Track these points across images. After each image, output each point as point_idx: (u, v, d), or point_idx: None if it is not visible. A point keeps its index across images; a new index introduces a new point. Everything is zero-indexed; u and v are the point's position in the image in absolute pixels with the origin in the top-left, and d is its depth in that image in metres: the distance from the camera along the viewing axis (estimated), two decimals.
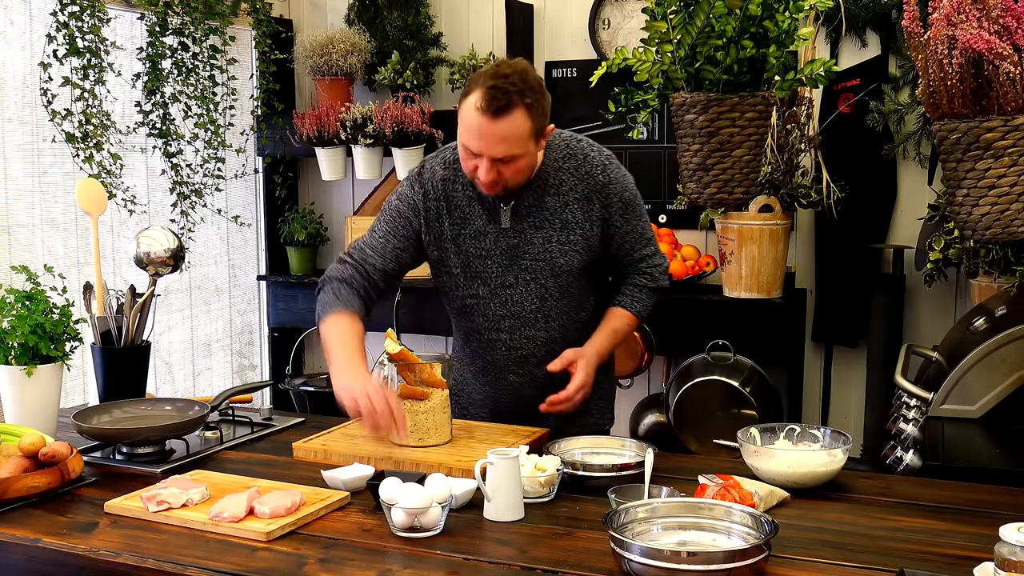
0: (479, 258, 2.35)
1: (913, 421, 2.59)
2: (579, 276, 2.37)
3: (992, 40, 1.86)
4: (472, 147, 2.18)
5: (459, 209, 2.35)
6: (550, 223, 2.32)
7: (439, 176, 2.37)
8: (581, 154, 2.35)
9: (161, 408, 2.36)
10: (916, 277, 3.53)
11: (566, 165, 2.33)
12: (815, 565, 1.64)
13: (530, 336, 2.39)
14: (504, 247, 2.34)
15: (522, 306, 2.37)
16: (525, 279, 2.35)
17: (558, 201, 2.32)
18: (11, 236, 3.26)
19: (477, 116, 2.13)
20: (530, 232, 2.33)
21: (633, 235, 2.40)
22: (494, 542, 1.76)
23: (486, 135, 2.14)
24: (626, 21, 3.92)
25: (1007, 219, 1.96)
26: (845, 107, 3.64)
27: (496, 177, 2.20)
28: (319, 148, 4.03)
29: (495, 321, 2.40)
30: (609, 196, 2.34)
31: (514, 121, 2.13)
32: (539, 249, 2.33)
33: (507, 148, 2.16)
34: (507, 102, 2.11)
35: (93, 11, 3.20)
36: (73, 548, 1.75)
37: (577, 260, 2.34)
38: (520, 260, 2.34)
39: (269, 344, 4.41)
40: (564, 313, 2.39)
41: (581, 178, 2.32)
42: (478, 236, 2.35)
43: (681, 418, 3.49)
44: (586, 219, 2.33)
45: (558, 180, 2.32)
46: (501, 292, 2.37)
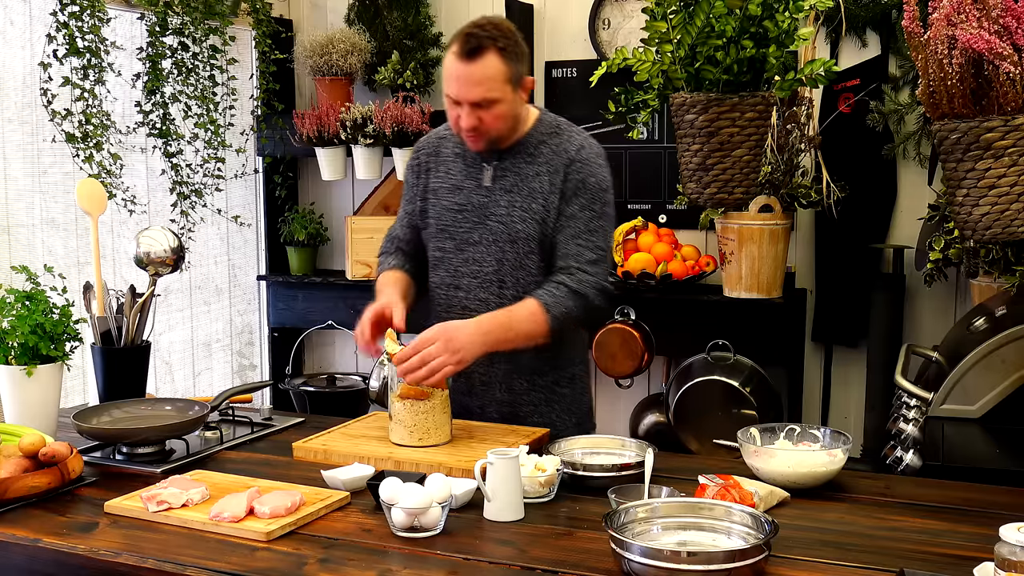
0: (451, 211, 2.43)
1: (913, 421, 2.59)
2: (536, 248, 2.37)
3: (992, 40, 1.86)
4: (452, 93, 2.29)
5: (444, 164, 2.47)
6: (518, 188, 2.38)
7: (436, 134, 2.54)
8: (566, 133, 2.43)
9: (161, 408, 2.36)
10: (916, 277, 3.53)
11: (549, 140, 2.41)
12: (815, 565, 1.64)
13: (483, 299, 2.41)
14: (475, 204, 2.41)
15: (481, 266, 2.41)
16: (487, 239, 2.40)
17: (531, 169, 2.38)
18: (11, 236, 3.26)
19: (453, 61, 2.27)
20: (499, 194, 2.39)
21: (577, 223, 2.33)
22: (494, 542, 1.76)
23: (462, 78, 2.26)
24: (626, 21, 3.92)
25: (1007, 219, 1.96)
26: (845, 107, 3.64)
27: (476, 123, 2.28)
28: (319, 148, 4.03)
29: (456, 277, 2.44)
30: (572, 172, 2.36)
31: (488, 63, 2.25)
32: (503, 212, 2.38)
33: (483, 91, 2.25)
34: (479, 44, 2.24)
35: (93, 11, 3.20)
36: (73, 548, 1.75)
37: (534, 229, 2.35)
38: (487, 220, 2.40)
39: (269, 344, 4.41)
40: (518, 283, 2.39)
41: (558, 152, 2.39)
42: (454, 190, 2.43)
43: (681, 418, 3.49)
44: (551, 190, 2.36)
45: (538, 151, 2.40)
46: (465, 248, 2.42)
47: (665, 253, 3.71)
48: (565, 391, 2.48)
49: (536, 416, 2.45)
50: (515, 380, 2.44)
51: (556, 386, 2.47)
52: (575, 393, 2.52)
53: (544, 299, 2.28)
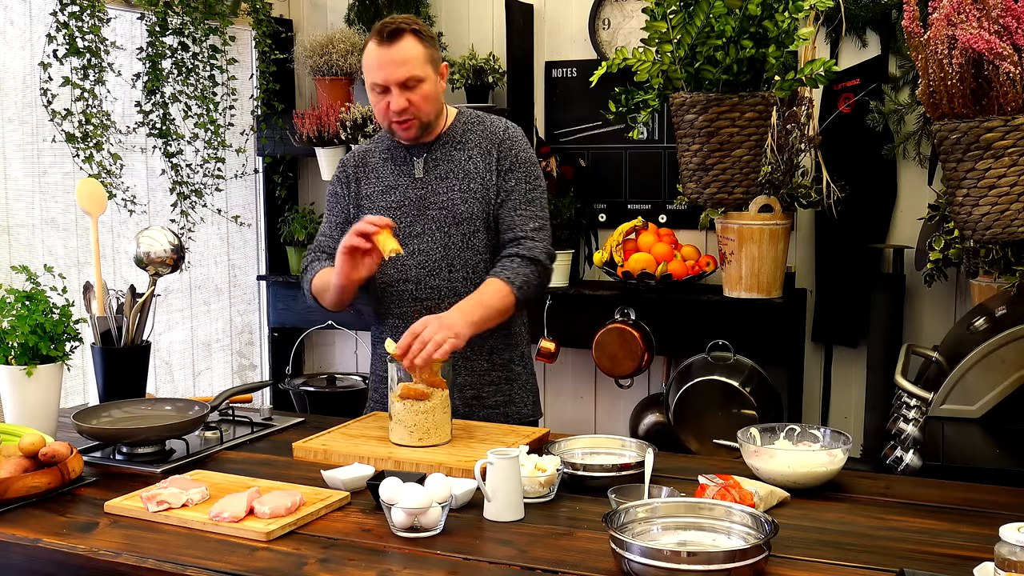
0: (389, 210, 2.49)
1: (913, 421, 2.59)
2: (480, 228, 2.47)
3: (992, 40, 1.86)
4: (377, 79, 2.38)
5: (374, 170, 2.56)
6: (454, 173, 2.48)
7: (360, 150, 2.63)
8: (487, 119, 2.55)
9: (161, 408, 2.36)
10: (916, 277, 3.53)
11: (474, 127, 2.53)
12: (815, 565, 1.64)
13: (434, 286, 2.48)
14: (413, 198, 2.49)
15: (428, 255, 2.47)
16: (431, 228, 2.47)
17: (463, 154, 2.49)
18: (11, 236, 3.26)
19: (374, 48, 2.38)
20: (436, 183, 2.49)
21: (517, 196, 2.47)
22: (494, 542, 1.76)
23: (384, 61, 2.37)
24: (626, 21, 3.92)
25: (1007, 219, 1.96)
26: (845, 107, 3.64)
27: (406, 105, 2.38)
28: (319, 148, 4.03)
29: (404, 271, 2.49)
30: (505, 149, 2.48)
31: (407, 44, 2.37)
32: (443, 198, 2.47)
33: (407, 70, 2.36)
34: (396, 28, 2.37)
35: (93, 11, 3.20)
36: (73, 548, 1.75)
37: (477, 208, 2.46)
38: (427, 210, 2.48)
39: (269, 344, 4.41)
40: (467, 264, 2.47)
41: (485, 136, 2.51)
42: (389, 190, 2.52)
43: (681, 418, 3.49)
44: (486, 169, 2.47)
45: (465, 138, 2.51)
46: (410, 242, 2.48)
47: (665, 253, 3.71)
48: (519, 369, 2.58)
49: (498, 395, 2.53)
50: (475, 361, 2.50)
51: (512, 364, 2.56)
52: (527, 373, 2.62)
53: (504, 275, 2.39)
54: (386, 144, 2.57)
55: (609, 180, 4.03)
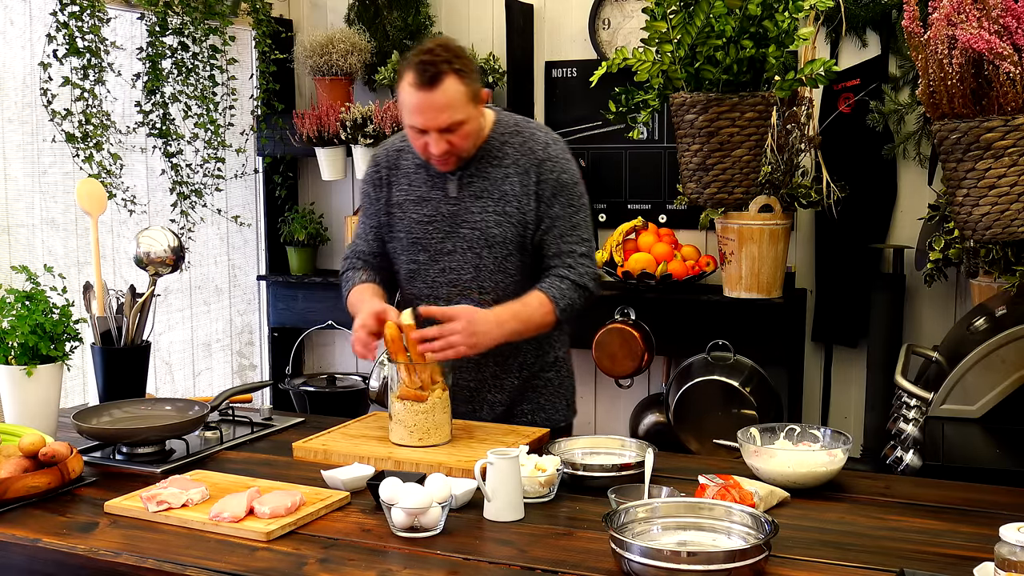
0: (421, 224, 2.41)
1: (913, 421, 2.59)
2: (514, 251, 2.39)
3: (992, 40, 1.86)
4: (417, 123, 2.26)
5: (406, 176, 2.44)
6: (489, 193, 2.37)
7: (393, 146, 2.50)
8: (528, 131, 2.42)
9: (161, 408, 2.36)
10: (916, 277, 3.53)
11: (512, 140, 2.40)
12: (815, 565, 1.64)
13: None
14: (445, 214, 2.40)
15: (459, 274, 2.41)
16: (462, 247, 2.39)
17: (499, 173, 2.37)
18: (11, 236, 3.26)
19: (413, 92, 2.23)
20: (469, 201, 2.38)
21: (563, 223, 2.38)
22: (494, 542, 1.76)
23: (426, 107, 2.23)
24: (626, 21, 3.92)
25: (1007, 219, 1.96)
26: (845, 107, 3.64)
27: (447, 148, 2.28)
28: (319, 148, 4.03)
29: (434, 288, 2.44)
30: (544, 172, 2.37)
31: (448, 88, 2.22)
32: (476, 218, 2.38)
33: (449, 115, 2.24)
34: (437, 71, 2.21)
35: (93, 11, 3.20)
36: (73, 548, 1.75)
37: (511, 232, 2.37)
38: (459, 228, 2.39)
39: (269, 344, 4.41)
40: (498, 286, 2.40)
41: (524, 152, 2.38)
42: (421, 202, 2.41)
43: (681, 418, 3.49)
44: (523, 192, 2.36)
45: (502, 153, 2.38)
46: (440, 259, 2.41)
47: (665, 253, 3.71)
48: (550, 375, 2.54)
49: (526, 403, 2.51)
50: (505, 379, 2.47)
51: (542, 372, 2.52)
52: (560, 376, 2.58)
53: (551, 292, 2.34)
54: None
55: (609, 180, 4.02)
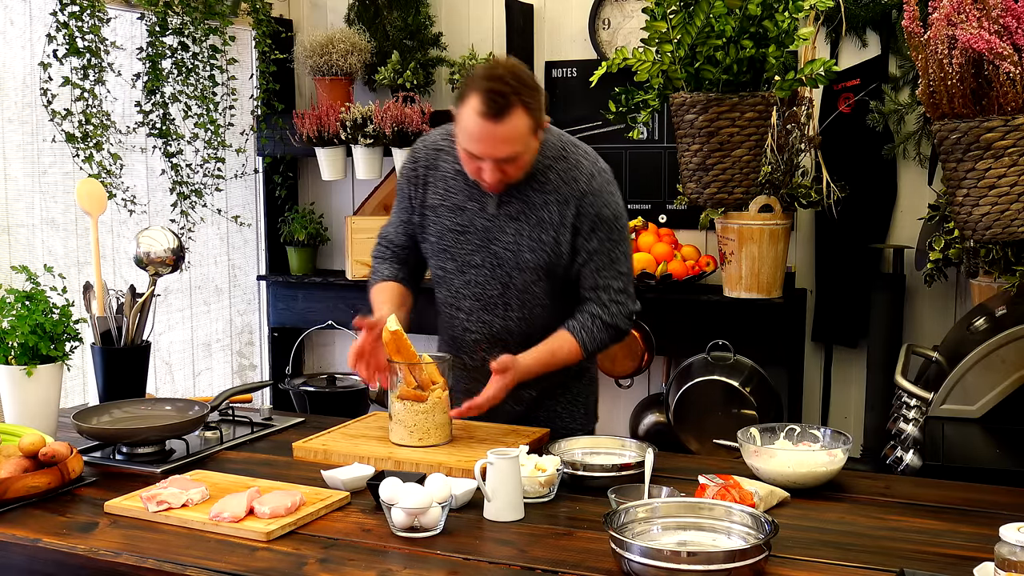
0: (453, 232, 2.36)
1: (913, 421, 2.59)
2: (545, 276, 2.33)
3: (992, 40, 1.86)
4: (475, 151, 2.17)
5: (443, 180, 2.36)
6: (526, 216, 2.31)
7: (434, 144, 2.41)
8: (573, 159, 2.32)
9: (161, 408, 2.36)
10: (916, 277, 3.53)
11: (556, 165, 2.31)
12: (815, 565, 1.64)
13: (487, 321, 2.39)
14: (478, 227, 2.34)
15: (484, 288, 2.36)
16: (491, 263, 2.34)
17: (540, 198, 2.30)
18: (11, 236, 3.26)
19: (478, 121, 2.12)
20: (505, 220, 2.31)
21: (601, 257, 2.31)
22: (494, 542, 1.76)
23: (488, 138, 2.14)
24: (626, 21, 3.92)
25: (1007, 219, 1.96)
26: (845, 107, 3.64)
27: (501, 176, 2.21)
28: (319, 148, 4.03)
29: (457, 298, 2.41)
30: (585, 205, 2.28)
31: (515, 121, 2.13)
32: (510, 239, 2.32)
33: (511, 148, 2.16)
34: (506, 103, 2.11)
35: (93, 11, 3.20)
36: (73, 548, 1.75)
37: (544, 260, 2.31)
38: (491, 244, 2.33)
39: (269, 344, 4.41)
40: (525, 306, 2.36)
41: (566, 181, 2.30)
42: (456, 210, 2.35)
43: (681, 418, 3.49)
44: (561, 222, 2.29)
45: (544, 178, 2.30)
46: (467, 270, 2.37)
47: (665, 253, 3.71)
48: (572, 383, 2.51)
49: (542, 411, 2.48)
50: (524, 391, 2.41)
51: (567, 380, 2.49)
52: (582, 384, 2.55)
53: (582, 337, 2.32)
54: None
55: None
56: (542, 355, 2.31)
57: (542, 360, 2.31)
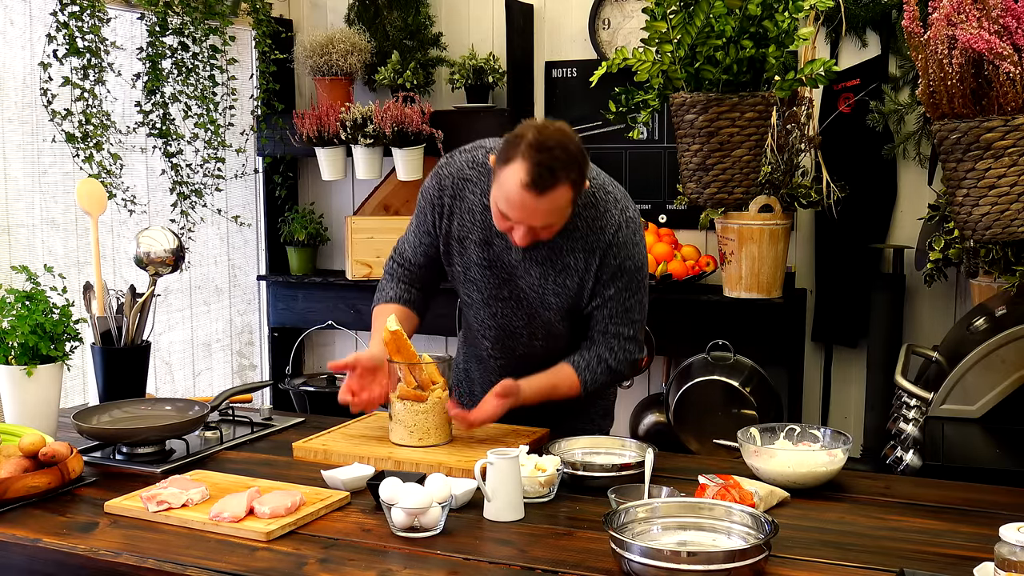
0: (479, 266, 2.34)
1: (913, 421, 2.59)
2: (567, 316, 2.35)
3: (992, 40, 1.86)
4: (512, 216, 2.12)
5: (470, 212, 2.32)
6: (551, 262, 2.28)
7: (460, 173, 2.34)
8: (603, 207, 2.27)
9: (161, 408, 2.36)
10: (916, 277, 3.53)
11: (584, 213, 2.26)
12: (815, 565, 1.64)
13: (510, 347, 2.42)
14: (504, 264, 2.32)
15: (510, 320, 2.38)
16: (517, 297, 2.35)
17: (566, 245, 2.26)
18: (11, 236, 3.26)
19: (521, 191, 2.06)
20: (529, 263, 2.29)
21: (615, 304, 2.30)
22: (494, 542, 1.76)
23: (529, 209, 2.09)
24: (626, 21, 3.92)
25: (1007, 219, 1.96)
26: (845, 107, 3.64)
27: (532, 239, 2.17)
28: (319, 148, 4.03)
29: (483, 328, 2.43)
30: (608, 256, 2.26)
31: (559, 196, 2.08)
32: (535, 281, 2.31)
33: (549, 219, 2.13)
34: (554, 181, 2.05)
35: (93, 11, 3.20)
36: (73, 548, 1.75)
37: (568, 303, 2.31)
38: (516, 281, 2.33)
39: (269, 344, 4.41)
40: (549, 335, 2.39)
41: (594, 230, 2.26)
42: (483, 245, 2.32)
43: (681, 418, 3.49)
44: (586, 269, 2.27)
45: (572, 225, 2.24)
46: (492, 303, 2.37)
47: (665, 253, 3.71)
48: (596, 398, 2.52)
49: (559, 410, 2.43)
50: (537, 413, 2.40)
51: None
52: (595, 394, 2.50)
53: (584, 376, 2.31)
54: (489, 185, 2.25)
55: None
56: (544, 387, 2.31)
57: (543, 391, 2.31)
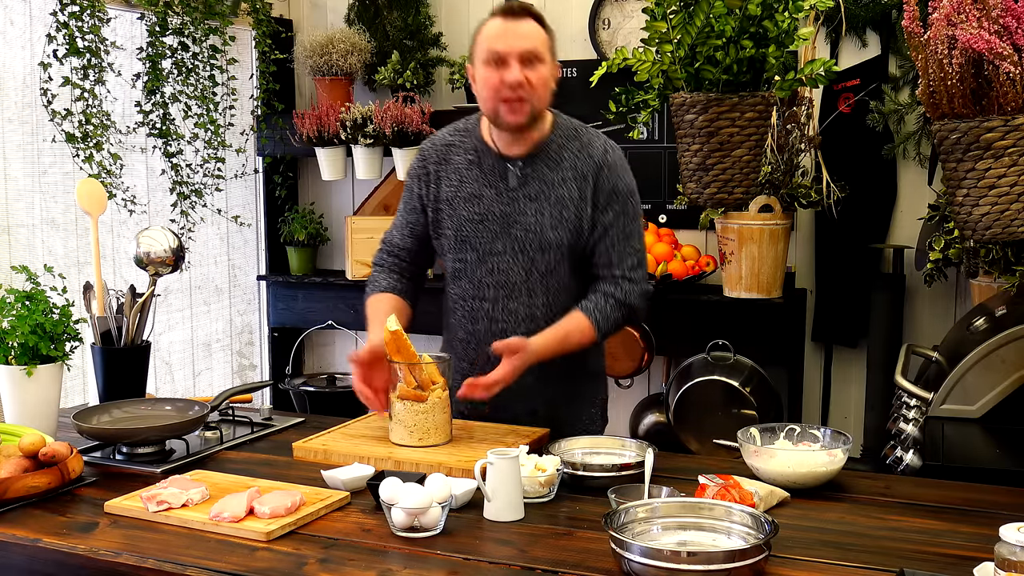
0: (471, 222, 2.36)
1: (913, 421, 2.59)
2: (567, 255, 2.34)
3: (992, 40, 1.86)
4: (497, 47, 2.24)
5: (457, 172, 2.38)
6: (545, 196, 2.33)
7: (443, 140, 2.44)
8: (586, 137, 2.38)
9: (161, 408, 2.36)
10: (916, 277, 3.53)
11: (570, 144, 2.36)
12: (815, 565, 1.64)
13: (512, 309, 2.38)
14: (497, 213, 2.34)
15: (508, 275, 2.36)
16: (514, 249, 2.35)
17: (557, 176, 2.33)
18: (11, 236, 3.26)
19: (498, 22, 2.26)
20: (524, 202, 2.33)
21: (616, 232, 2.34)
22: (494, 542, 1.76)
23: (509, 32, 2.24)
24: (626, 21, 3.92)
25: (1007, 219, 1.96)
26: (845, 107, 3.64)
27: (523, 79, 2.23)
28: (319, 148, 4.03)
29: (480, 288, 2.39)
30: (601, 179, 2.33)
31: (532, 25, 2.26)
32: (531, 220, 2.33)
33: (531, 43, 2.24)
34: (524, 9, 2.28)
35: (93, 11, 3.20)
36: (73, 548, 1.75)
37: (567, 237, 2.32)
38: (511, 228, 2.34)
39: (269, 344, 4.41)
40: (548, 291, 2.36)
41: (582, 157, 2.34)
42: (472, 200, 2.36)
43: (681, 418, 3.49)
44: (580, 198, 2.32)
45: (560, 156, 2.34)
46: (489, 259, 2.37)
47: (665, 253, 3.71)
48: (587, 387, 2.53)
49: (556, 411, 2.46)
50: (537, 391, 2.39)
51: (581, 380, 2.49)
52: (597, 386, 2.57)
53: (595, 316, 2.32)
54: (473, 144, 2.39)
55: None
56: (555, 337, 2.30)
57: (555, 342, 2.29)
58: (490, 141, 2.37)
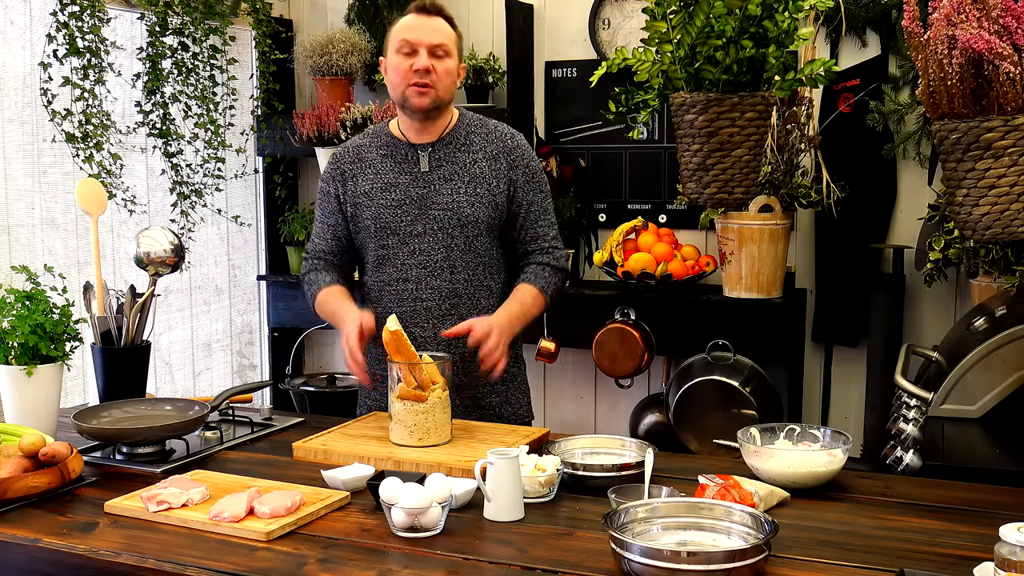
0: (389, 208, 2.49)
1: (913, 421, 2.59)
2: (485, 231, 2.50)
3: (992, 40, 1.86)
4: (408, 37, 2.43)
5: (372, 166, 2.54)
6: (459, 176, 2.49)
7: (353, 144, 2.61)
8: (492, 124, 2.58)
9: (161, 408, 2.36)
10: (916, 277, 3.53)
11: (478, 130, 2.55)
12: (815, 565, 1.64)
13: (435, 287, 2.49)
14: (414, 196, 2.49)
15: (429, 255, 2.48)
16: (433, 228, 2.48)
17: (468, 157, 2.51)
18: (11, 236, 3.26)
19: (412, 16, 2.46)
20: (439, 183, 2.49)
21: (537, 209, 2.56)
22: (494, 542, 1.76)
23: (421, 26, 2.44)
24: (626, 21, 3.92)
25: (1007, 219, 1.96)
26: (845, 107, 3.64)
27: (431, 68, 2.41)
28: (319, 148, 4.03)
29: (404, 270, 2.50)
30: (516, 159, 2.53)
31: (443, 23, 2.47)
32: (447, 199, 2.47)
33: (441, 38, 2.44)
34: (437, 8, 2.48)
35: (93, 11, 3.20)
36: (73, 548, 1.75)
37: (483, 212, 2.48)
38: (429, 210, 2.48)
39: (269, 344, 4.41)
40: (469, 266, 2.50)
41: (491, 140, 2.53)
42: (389, 188, 2.50)
43: (681, 418, 3.49)
44: (493, 176, 2.50)
45: (469, 140, 2.53)
46: (410, 241, 2.49)
47: (665, 253, 3.71)
48: (514, 371, 2.61)
49: (494, 396, 2.55)
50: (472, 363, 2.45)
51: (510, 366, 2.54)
52: (522, 374, 2.67)
53: (539, 284, 2.51)
54: (384, 140, 2.55)
55: (609, 180, 4.03)
56: (515, 307, 2.47)
57: (516, 312, 2.45)
58: (399, 134, 2.54)
